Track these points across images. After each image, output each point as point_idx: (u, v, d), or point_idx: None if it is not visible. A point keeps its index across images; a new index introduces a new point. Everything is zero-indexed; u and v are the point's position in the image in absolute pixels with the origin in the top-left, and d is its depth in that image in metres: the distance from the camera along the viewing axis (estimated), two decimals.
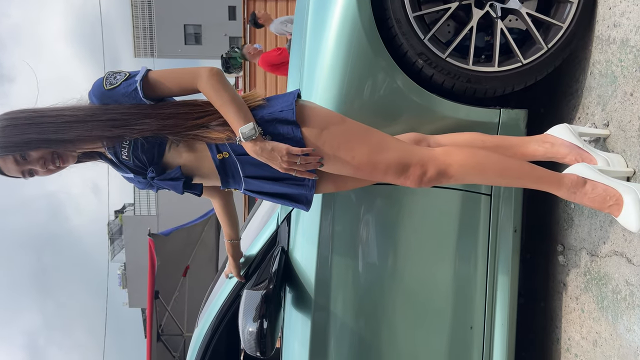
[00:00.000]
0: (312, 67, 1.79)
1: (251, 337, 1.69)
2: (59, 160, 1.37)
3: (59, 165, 1.38)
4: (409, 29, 1.69)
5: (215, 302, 2.07)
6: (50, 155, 1.36)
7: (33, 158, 1.35)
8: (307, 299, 1.84)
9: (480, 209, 1.82)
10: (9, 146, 1.32)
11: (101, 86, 1.38)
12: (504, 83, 1.72)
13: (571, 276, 1.82)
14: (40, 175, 1.40)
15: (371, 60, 1.71)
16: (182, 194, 1.49)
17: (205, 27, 22.55)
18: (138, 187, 1.54)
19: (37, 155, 1.35)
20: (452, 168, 1.40)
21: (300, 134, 1.38)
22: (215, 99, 1.35)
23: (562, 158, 1.58)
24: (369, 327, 1.85)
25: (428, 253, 1.84)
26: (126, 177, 1.52)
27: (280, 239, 1.91)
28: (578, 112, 1.79)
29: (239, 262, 1.93)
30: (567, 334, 1.86)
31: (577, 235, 1.78)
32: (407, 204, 1.81)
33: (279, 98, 1.46)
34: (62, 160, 1.38)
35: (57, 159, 1.37)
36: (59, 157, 1.37)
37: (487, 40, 1.84)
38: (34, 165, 1.37)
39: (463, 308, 1.84)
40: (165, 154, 1.42)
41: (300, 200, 1.52)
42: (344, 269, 1.82)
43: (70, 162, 1.41)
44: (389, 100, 1.74)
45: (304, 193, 1.49)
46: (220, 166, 1.44)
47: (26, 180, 1.42)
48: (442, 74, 1.72)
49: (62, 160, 1.38)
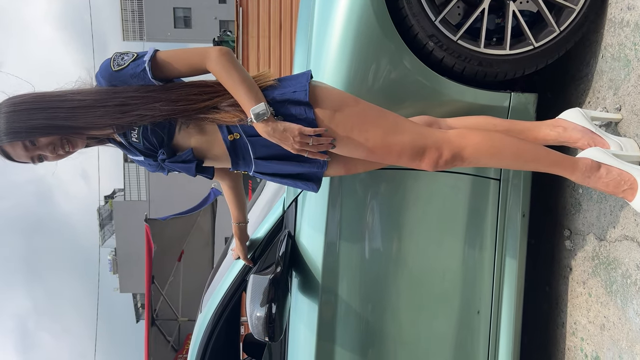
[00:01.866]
0: (320, 49, 1.75)
1: (259, 322, 1.68)
2: (68, 145, 1.35)
3: (68, 150, 1.36)
4: (420, 10, 1.65)
5: (220, 287, 2.05)
6: (60, 140, 1.33)
7: (42, 144, 1.32)
8: (314, 284, 1.83)
9: (488, 194, 1.81)
10: (18, 132, 1.28)
11: (109, 67, 1.34)
12: (515, 66, 1.70)
13: (578, 261, 1.82)
14: (49, 160, 1.37)
15: (381, 42, 1.68)
16: (195, 176, 1.47)
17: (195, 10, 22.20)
18: (149, 170, 1.51)
19: (47, 141, 1.32)
20: (466, 151, 1.39)
21: (313, 115, 1.35)
22: (226, 79, 1.32)
23: (574, 142, 1.57)
24: (376, 312, 1.85)
25: (436, 238, 1.83)
26: (136, 160, 1.49)
27: (287, 223, 1.89)
28: (588, 96, 1.78)
29: (246, 245, 1.91)
30: (572, 317, 1.87)
31: (585, 220, 1.78)
32: (415, 189, 1.80)
33: (291, 79, 1.42)
34: (71, 145, 1.35)
35: (66, 144, 1.34)
36: (69, 142, 1.35)
37: (498, 23, 1.81)
38: (44, 150, 1.34)
39: (470, 293, 1.84)
40: (175, 135, 1.39)
41: (310, 178, 1.49)
42: (351, 254, 1.81)
43: (80, 147, 1.38)
44: (398, 83, 1.72)
45: (315, 171, 1.46)
46: (231, 147, 1.41)
47: (35, 165, 1.39)
48: (452, 57, 1.69)
49: (71, 145, 1.36)
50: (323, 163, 1.44)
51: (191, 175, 1.43)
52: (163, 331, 5.93)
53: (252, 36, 7.78)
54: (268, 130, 1.32)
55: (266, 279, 1.71)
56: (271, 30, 7.77)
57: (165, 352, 5.91)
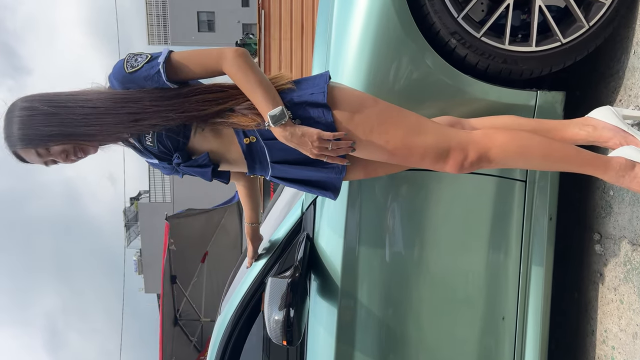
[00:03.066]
0: (339, 49, 1.72)
1: (277, 326, 1.65)
2: (80, 152, 1.35)
3: (80, 156, 1.36)
4: (442, 7, 1.61)
5: (238, 289, 2.03)
6: (73, 148, 1.33)
7: (55, 151, 1.32)
8: (334, 287, 1.79)
9: (514, 196, 1.75)
10: (32, 139, 1.28)
11: (122, 69, 1.31)
12: (541, 63, 1.64)
13: (609, 266, 1.75)
14: (61, 163, 1.37)
15: (402, 40, 1.64)
16: (211, 181, 1.44)
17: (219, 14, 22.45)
18: (164, 173, 1.50)
19: (60, 149, 1.32)
20: (493, 151, 1.33)
21: (331, 117, 1.32)
22: (242, 81, 1.29)
23: (604, 142, 1.50)
24: (397, 316, 1.80)
25: (458, 241, 1.78)
26: (151, 163, 1.48)
27: (305, 225, 1.87)
28: (619, 94, 1.70)
29: (257, 245, 1.89)
30: (603, 325, 1.80)
31: (616, 224, 1.70)
32: (438, 190, 1.75)
33: (308, 80, 1.39)
34: (83, 152, 1.36)
35: (79, 151, 1.35)
36: (81, 150, 1.35)
37: (524, 19, 1.76)
38: (56, 157, 1.34)
39: (495, 298, 1.79)
40: (190, 139, 1.37)
41: (327, 187, 1.46)
42: (371, 257, 1.77)
43: (92, 153, 1.38)
44: (419, 82, 1.67)
45: (333, 177, 1.43)
46: (247, 151, 1.39)
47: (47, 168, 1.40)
48: (476, 55, 1.64)
49: (83, 152, 1.36)
50: (342, 168, 1.40)
51: (207, 179, 1.41)
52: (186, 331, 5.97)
53: (274, 38, 7.81)
54: (286, 135, 1.29)
55: (284, 282, 1.69)
56: (293, 32, 7.78)
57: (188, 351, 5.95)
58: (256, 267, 1.99)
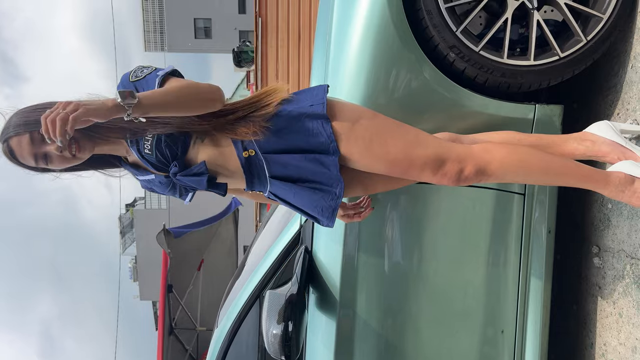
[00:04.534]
0: (338, 61, 1.72)
1: (275, 340, 1.64)
2: (75, 147, 1.26)
3: (74, 153, 1.27)
4: (440, 20, 1.61)
5: (236, 303, 2.02)
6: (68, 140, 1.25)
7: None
8: (332, 300, 1.78)
9: (512, 209, 1.75)
10: (28, 123, 1.26)
11: (127, 78, 1.34)
12: (540, 77, 1.64)
13: (608, 279, 1.74)
14: (54, 163, 1.28)
15: (400, 54, 1.64)
16: (206, 189, 1.40)
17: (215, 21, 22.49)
18: (158, 191, 1.46)
19: None
20: (492, 166, 1.33)
21: (330, 129, 1.31)
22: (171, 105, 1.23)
23: (603, 157, 1.51)
24: (396, 330, 1.79)
25: (457, 254, 1.77)
26: (144, 183, 1.46)
27: (304, 238, 1.86)
28: (617, 108, 1.71)
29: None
30: (602, 338, 1.79)
31: (614, 237, 1.70)
32: (436, 202, 1.75)
33: (306, 92, 1.40)
34: (78, 147, 1.27)
35: (74, 145, 1.26)
36: (77, 143, 1.27)
37: (521, 33, 1.76)
38: (50, 146, 1.26)
39: (494, 311, 1.78)
40: (189, 149, 1.36)
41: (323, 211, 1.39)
42: (370, 270, 1.76)
43: (87, 154, 1.30)
44: (418, 95, 1.68)
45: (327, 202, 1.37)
46: (245, 165, 1.38)
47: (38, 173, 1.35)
48: (474, 68, 1.64)
49: (78, 148, 1.27)
50: (339, 189, 1.35)
51: (202, 188, 1.38)
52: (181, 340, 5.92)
53: (271, 46, 7.82)
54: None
55: (283, 295, 1.68)
56: (290, 40, 7.79)
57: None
58: (254, 279, 1.98)
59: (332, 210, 1.39)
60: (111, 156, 1.46)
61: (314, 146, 1.34)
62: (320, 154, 1.34)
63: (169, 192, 1.44)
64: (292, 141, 1.34)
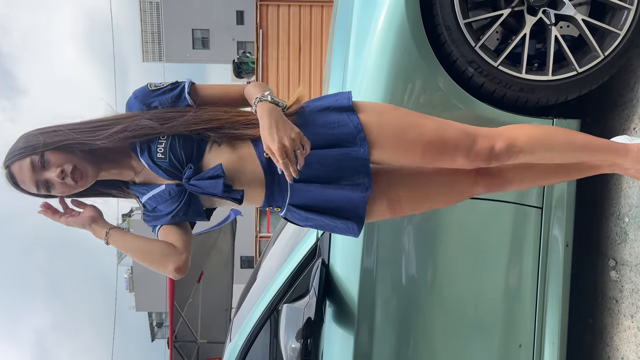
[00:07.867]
0: (355, 75, 1.74)
1: (294, 354, 1.64)
2: (77, 173, 1.25)
3: (76, 180, 1.25)
4: (459, 36, 1.63)
5: (251, 316, 2.01)
6: (71, 167, 1.24)
7: (52, 164, 1.23)
8: (350, 314, 1.78)
9: (530, 223, 1.75)
10: (30, 146, 1.23)
11: (145, 88, 1.32)
12: (558, 92, 1.66)
13: (625, 293, 1.75)
14: (56, 189, 1.26)
15: (418, 68, 1.65)
16: (221, 195, 1.27)
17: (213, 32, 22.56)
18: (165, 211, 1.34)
19: (57, 161, 1.23)
20: (520, 140, 1.34)
21: (357, 120, 1.28)
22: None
23: (625, 170, 1.52)
24: (413, 344, 1.79)
25: (475, 267, 1.77)
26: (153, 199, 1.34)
27: (321, 251, 1.85)
28: (633, 122, 1.72)
29: None
30: (620, 352, 1.79)
31: (632, 250, 1.71)
32: (454, 216, 1.75)
33: (330, 94, 1.40)
34: (80, 174, 1.25)
35: (76, 172, 1.25)
36: (79, 170, 1.25)
37: (538, 48, 1.78)
38: (51, 173, 1.23)
39: (512, 325, 1.78)
40: (205, 154, 1.29)
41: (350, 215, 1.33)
42: (388, 284, 1.76)
43: (90, 180, 1.28)
44: (434, 108, 1.69)
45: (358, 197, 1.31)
46: (266, 166, 1.29)
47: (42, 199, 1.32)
48: (493, 83, 1.66)
49: (80, 175, 1.25)
50: (367, 184, 1.30)
51: (217, 192, 1.25)
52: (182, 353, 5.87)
53: (272, 58, 7.85)
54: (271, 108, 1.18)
55: (300, 310, 1.68)
56: (290, 52, 7.83)
57: None
58: (269, 293, 1.97)
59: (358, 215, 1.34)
60: (117, 181, 1.40)
61: (340, 138, 1.27)
62: (348, 148, 1.28)
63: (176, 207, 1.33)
64: (316, 135, 1.27)
